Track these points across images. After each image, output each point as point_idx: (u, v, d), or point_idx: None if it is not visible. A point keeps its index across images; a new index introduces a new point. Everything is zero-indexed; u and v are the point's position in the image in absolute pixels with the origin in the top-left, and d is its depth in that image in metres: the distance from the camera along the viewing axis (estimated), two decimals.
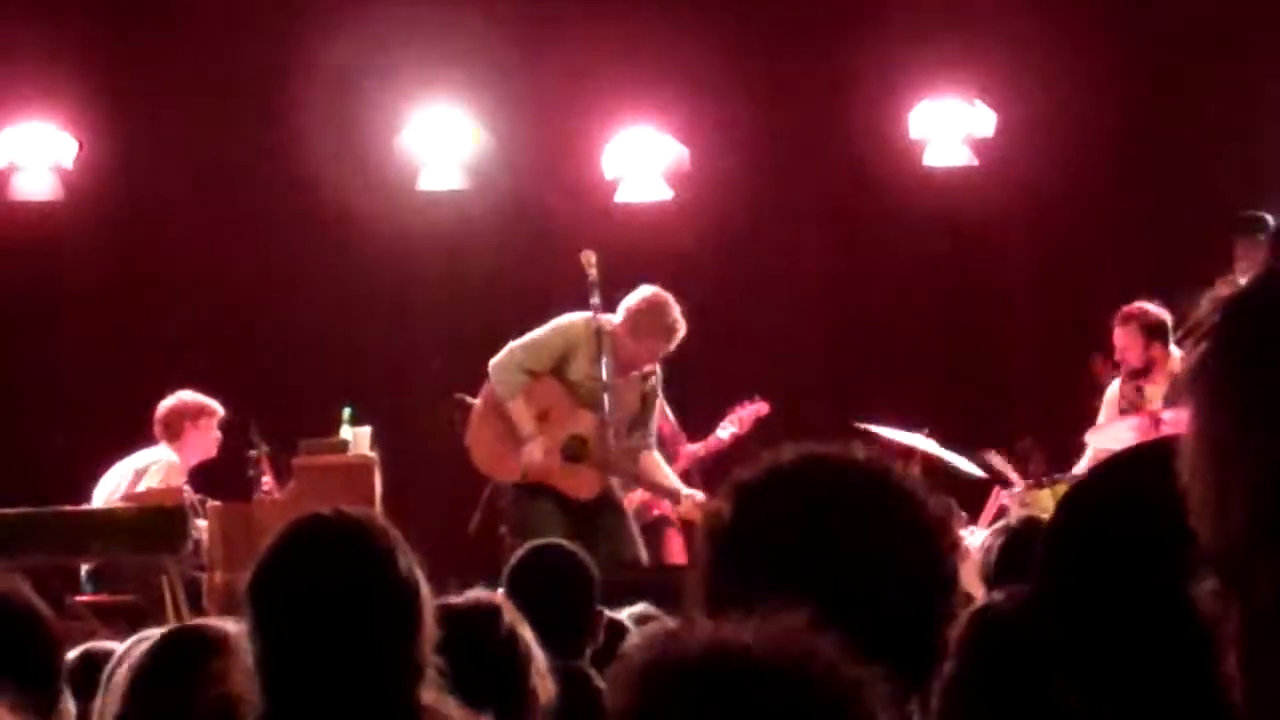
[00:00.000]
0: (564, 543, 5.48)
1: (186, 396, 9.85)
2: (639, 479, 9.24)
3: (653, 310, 8.92)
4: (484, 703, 3.41)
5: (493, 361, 9.08)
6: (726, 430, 10.40)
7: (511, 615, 3.93)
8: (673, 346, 8.97)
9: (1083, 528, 1.96)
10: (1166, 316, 9.72)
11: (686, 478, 10.46)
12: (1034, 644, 1.98)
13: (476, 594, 4.15)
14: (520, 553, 5.31)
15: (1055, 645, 1.92)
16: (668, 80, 11.90)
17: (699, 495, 9.01)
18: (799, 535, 2.02)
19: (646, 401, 9.16)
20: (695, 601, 2.06)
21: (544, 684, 3.86)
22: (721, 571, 2.05)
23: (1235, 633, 1.36)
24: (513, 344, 9.06)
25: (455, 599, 4.04)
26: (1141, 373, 9.71)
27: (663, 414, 10.42)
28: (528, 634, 3.92)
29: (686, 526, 10.24)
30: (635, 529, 9.13)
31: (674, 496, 9.17)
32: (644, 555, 9.08)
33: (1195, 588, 1.32)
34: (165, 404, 9.81)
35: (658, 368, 9.18)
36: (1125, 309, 9.75)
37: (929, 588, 2.04)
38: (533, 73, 11.86)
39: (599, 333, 8.84)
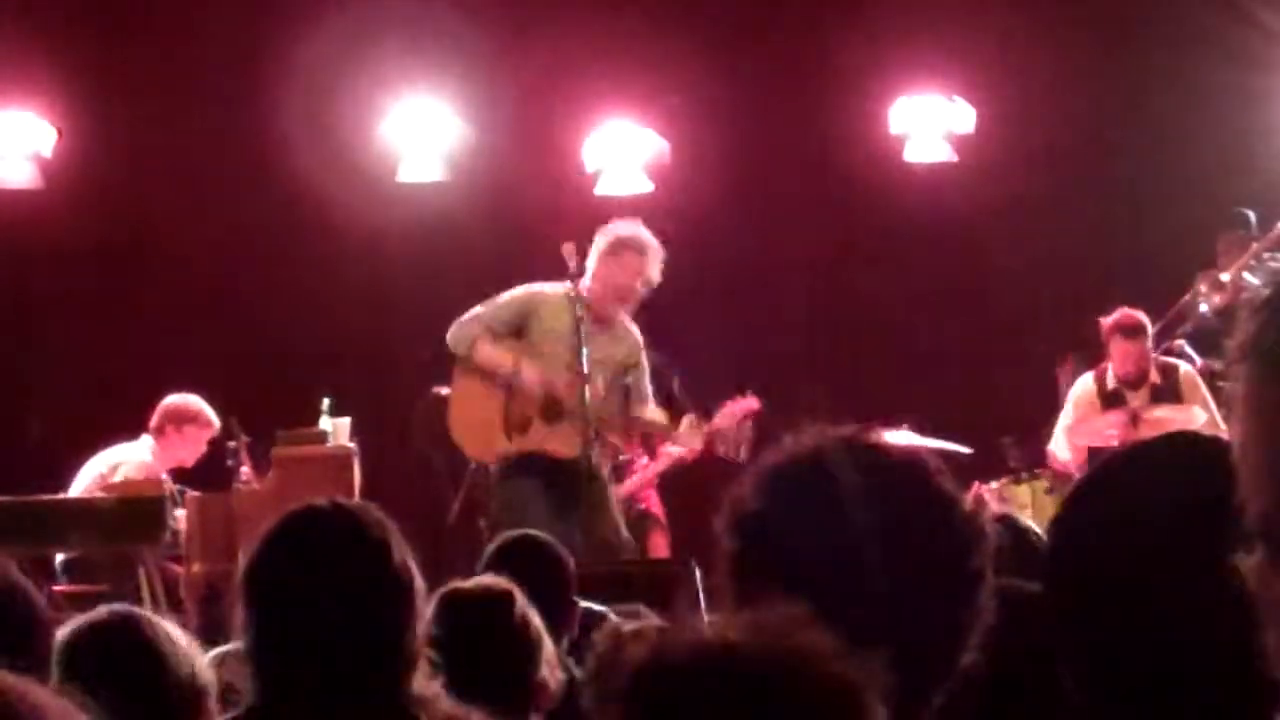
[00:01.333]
0: (538, 533, 5.45)
1: (184, 400, 9.78)
2: (627, 426, 9.07)
3: (617, 245, 8.88)
4: (494, 688, 3.39)
5: (449, 334, 8.99)
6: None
7: (523, 602, 3.90)
8: (643, 277, 8.85)
9: (1090, 525, 1.95)
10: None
11: (666, 477, 10.39)
12: (1041, 637, 1.97)
13: (488, 580, 4.13)
14: (495, 543, 5.28)
15: (1062, 639, 1.91)
16: (648, 73, 11.90)
17: (691, 417, 8.89)
18: (832, 525, 1.99)
19: (631, 360, 8.97)
20: (724, 592, 2.03)
21: (553, 672, 3.84)
22: (750, 561, 2.02)
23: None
24: (469, 313, 9.00)
25: (466, 584, 4.02)
26: (1143, 379, 9.70)
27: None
28: (537, 620, 3.90)
29: (669, 517, 10.22)
30: (618, 508, 9.04)
31: (667, 430, 9.02)
32: (625, 533, 8.95)
33: (1236, 563, 1.32)
34: (167, 400, 9.77)
35: (636, 334, 9.03)
36: (1127, 321, 9.68)
37: (961, 580, 2.02)
38: (513, 65, 11.85)
39: (570, 298, 8.74)
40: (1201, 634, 1.78)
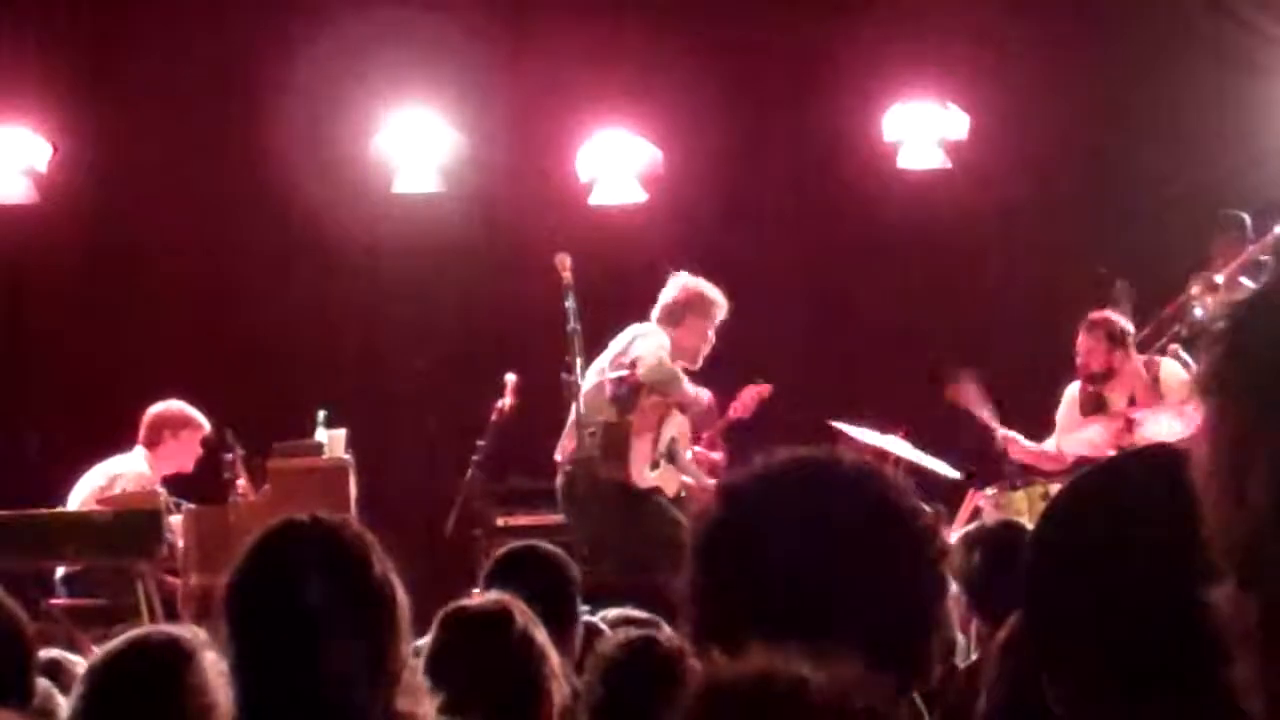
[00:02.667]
0: (545, 544, 5.40)
1: (175, 406, 9.78)
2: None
3: (697, 295, 9.63)
4: (496, 707, 3.39)
5: (648, 370, 9.29)
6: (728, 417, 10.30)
7: (525, 617, 3.89)
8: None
9: (1066, 538, 1.94)
10: (1129, 327, 9.82)
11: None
12: (1027, 659, 1.98)
13: (490, 596, 4.12)
14: (499, 554, 5.22)
15: (1041, 655, 1.91)
16: (642, 83, 11.90)
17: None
18: (791, 541, 2.02)
19: None
20: (685, 604, 2.05)
21: (558, 686, 3.83)
22: (711, 575, 2.04)
23: (1252, 631, 1.34)
24: (654, 349, 9.38)
25: (469, 601, 4.01)
26: (1101, 377, 9.77)
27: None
28: (541, 636, 3.89)
29: None
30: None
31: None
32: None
33: (1206, 591, 1.31)
34: (154, 409, 9.76)
35: None
36: (1091, 316, 9.83)
37: (919, 595, 2.04)
38: (507, 75, 11.85)
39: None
40: (1177, 655, 1.77)
